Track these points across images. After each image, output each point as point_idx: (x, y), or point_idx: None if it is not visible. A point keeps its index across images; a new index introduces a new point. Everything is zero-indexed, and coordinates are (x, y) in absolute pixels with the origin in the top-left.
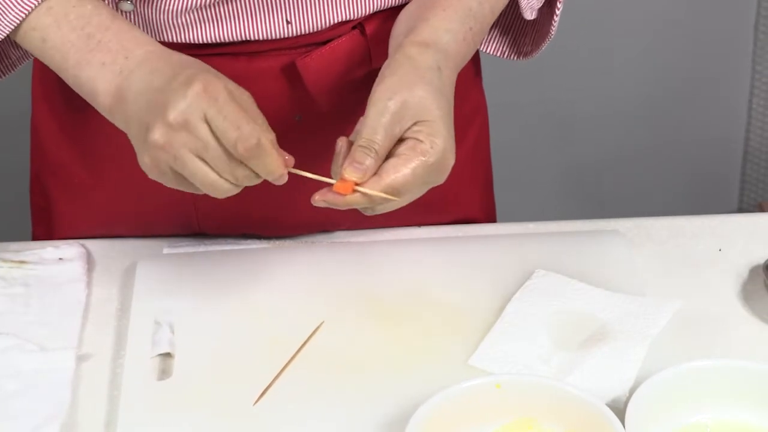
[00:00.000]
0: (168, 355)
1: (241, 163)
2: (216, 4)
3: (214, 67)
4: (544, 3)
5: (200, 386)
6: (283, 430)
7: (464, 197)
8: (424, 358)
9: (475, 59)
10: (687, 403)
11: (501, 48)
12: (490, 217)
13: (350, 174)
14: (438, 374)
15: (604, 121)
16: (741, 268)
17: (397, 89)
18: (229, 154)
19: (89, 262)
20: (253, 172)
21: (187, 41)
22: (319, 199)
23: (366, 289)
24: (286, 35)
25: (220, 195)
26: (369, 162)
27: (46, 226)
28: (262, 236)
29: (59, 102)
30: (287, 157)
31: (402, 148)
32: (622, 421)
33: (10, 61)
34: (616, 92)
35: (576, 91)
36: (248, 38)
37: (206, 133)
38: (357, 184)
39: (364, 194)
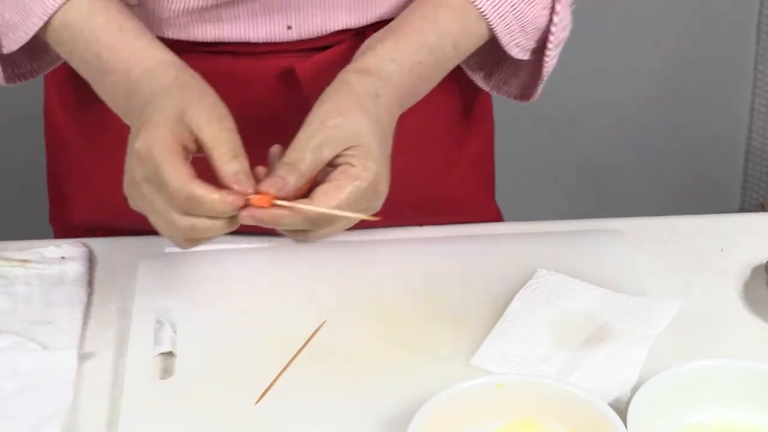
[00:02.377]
0: (170, 354)
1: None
2: (218, 6)
3: (215, 66)
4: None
5: (202, 385)
6: (285, 430)
7: (468, 205)
8: (426, 358)
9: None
10: (689, 403)
11: (504, 89)
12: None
13: (267, 186)
14: (439, 374)
15: (606, 120)
16: (743, 267)
17: (331, 113)
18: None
19: (91, 261)
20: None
21: (189, 39)
22: (246, 215)
23: (367, 288)
24: (286, 39)
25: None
26: (291, 179)
27: (60, 208)
28: (263, 235)
29: (69, 89)
30: (251, 190)
31: (334, 174)
32: (624, 421)
33: (50, 57)
34: (618, 91)
35: (577, 90)
36: (249, 40)
37: (149, 192)
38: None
39: (290, 210)
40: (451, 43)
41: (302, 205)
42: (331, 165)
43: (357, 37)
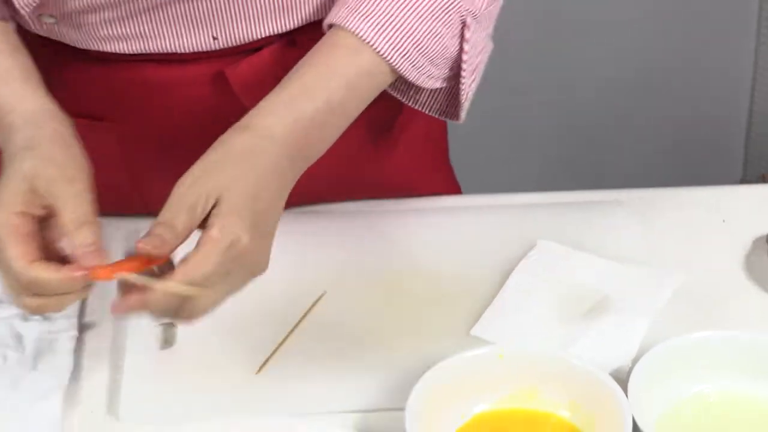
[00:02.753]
0: (171, 324)
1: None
2: (138, 15)
3: (143, 73)
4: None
5: (203, 356)
6: (286, 399)
7: (417, 183)
8: (427, 329)
9: None
10: (689, 373)
11: (435, 108)
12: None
13: (143, 244)
14: (440, 344)
15: (608, 92)
16: (744, 239)
17: (200, 171)
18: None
19: None
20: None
21: (114, 51)
22: (116, 307)
23: (368, 260)
24: (213, 48)
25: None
26: (167, 236)
27: None
28: None
29: None
30: (96, 262)
31: (200, 239)
32: (625, 391)
33: None
34: (620, 63)
35: (580, 62)
36: (174, 51)
37: (1, 273)
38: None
39: (142, 288)
40: (344, 86)
41: (158, 285)
42: (202, 225)
43: (286, 37)
